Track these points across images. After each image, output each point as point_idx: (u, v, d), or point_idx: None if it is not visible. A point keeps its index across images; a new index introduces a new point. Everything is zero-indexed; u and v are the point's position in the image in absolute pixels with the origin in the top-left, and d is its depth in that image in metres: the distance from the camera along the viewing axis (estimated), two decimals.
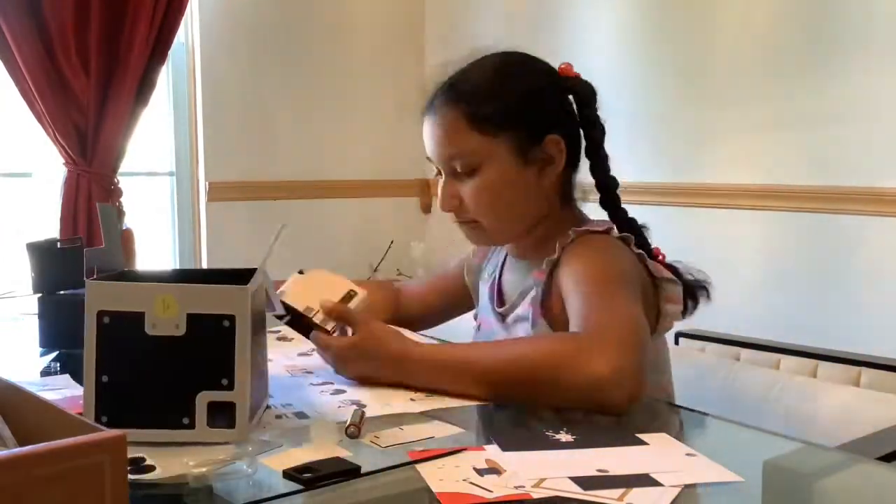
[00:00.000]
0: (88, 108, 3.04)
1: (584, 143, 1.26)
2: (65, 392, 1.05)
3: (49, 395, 1.00)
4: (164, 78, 3.34)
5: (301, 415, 0.98)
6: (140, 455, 0.80)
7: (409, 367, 1.07)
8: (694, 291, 1.24)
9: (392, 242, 3.83)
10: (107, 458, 0.54)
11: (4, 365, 1.27)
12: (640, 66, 3.05)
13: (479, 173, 1.20)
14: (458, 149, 1.20)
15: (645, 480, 0.76)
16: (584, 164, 1.27)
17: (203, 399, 0.84)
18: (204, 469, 0.76)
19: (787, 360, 1.77)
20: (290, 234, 0.97)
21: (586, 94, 1.25)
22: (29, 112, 2.98)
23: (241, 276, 0.89)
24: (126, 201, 3.20)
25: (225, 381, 0.84)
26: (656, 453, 0.84)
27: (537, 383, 0.99)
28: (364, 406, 1.00)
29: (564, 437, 0.87)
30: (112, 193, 3.14)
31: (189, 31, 3.43)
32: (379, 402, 1.02)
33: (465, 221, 1.26)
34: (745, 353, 1.77)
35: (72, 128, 3.04)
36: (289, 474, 0.76)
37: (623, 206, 1.28)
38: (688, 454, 0.83)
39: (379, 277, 3.58)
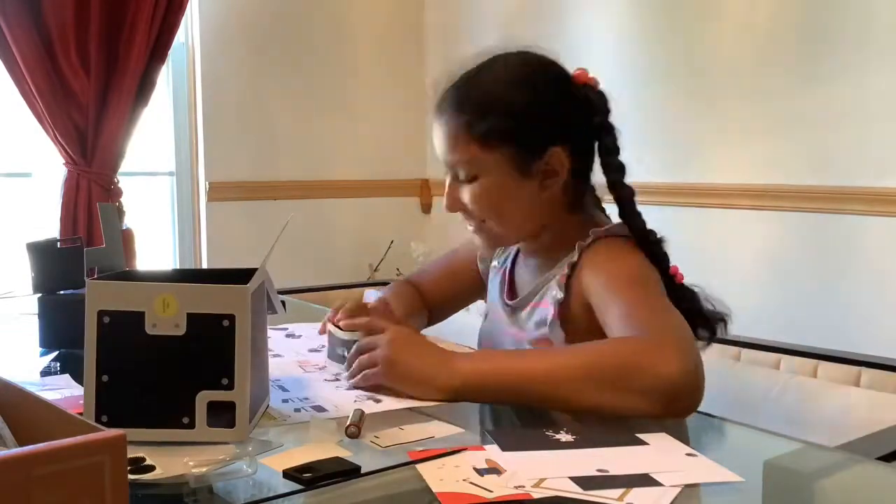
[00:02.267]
0: (88, 108, 3.04)
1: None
2: (65, 392, 1.05)
3: (49, 395, 1.00)
4: (164, 78, 3.34)
5: (319, 408, 0.99)
6: (140, 455, 0.80)
7: (457, 365, 1.03)
8: (711, 323, 1.21)
9: (392, 242, 3.83)
10: (107, 458, 0.54)
11: (4, 365, 1.27)
12: (640, 67, 3.05)
13: (477, 181, 1.19)
14: (458, 157, 1.19)
15: (645, 480, 0.76)
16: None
17: (203, 399, 0.84)
18: (204, 469, 0.76)
19: (788, 360, 1.77)
20: (290, 234, 0.97)
21: (600, 102, 1.22)
22: (29, 112, 2.97)
23: (241, 276, 0.89)
24: (126, 201, 3.20)
25: (225, 381, 0.84)
26: (656, 453, 0.84)
27: (605, 388, 0.96)
28: (379, 400, 1.02)
29: (565, 437, 0.87)
30: (112, 193, 3.14)
31: (189, 31, 3.43)
32: (395, 397, 1.04)
33: (472, 222, 1.25)
34: (746, 352, 1.77)
35: (72, 128, 3.04)
36: (289, 474, 0.76)
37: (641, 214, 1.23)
38: (688, 454, 0.83)
39: (378, 277, 3.58)
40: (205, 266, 3.44)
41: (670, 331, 1.00)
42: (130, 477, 0.67)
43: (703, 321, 1.20)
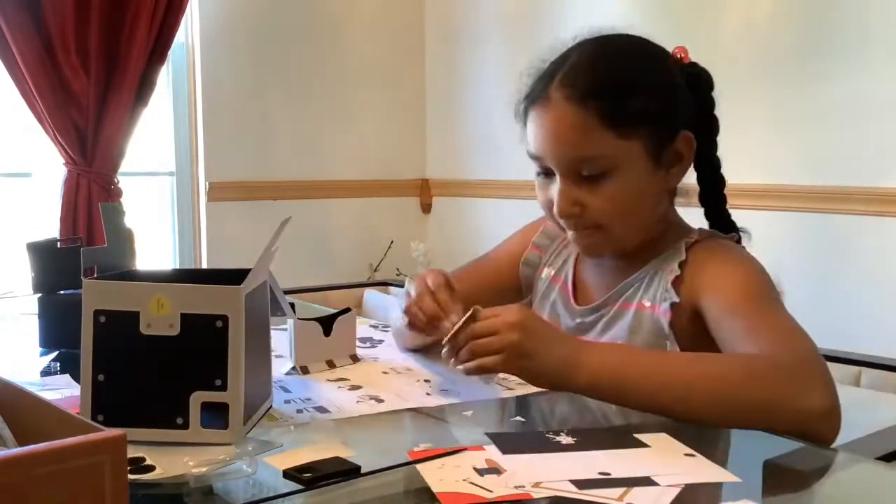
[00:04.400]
0: (88, 108, 3.04)
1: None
2: (65, 392, 1.05)
3: (49, 395, 1.00)
4: (164, 78, 3.34)
5: (321, 409, 0.99)
6: (140, 455, 0.80)
7: (588, 360, 0.95)
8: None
9: (392, 242, 3.83)
10: (107, 458, 0.54)
11: (4, 365, 1.27)
12: None
13: (610, 178, 1.06)
14: (591, 151, 1.05)
15: (645, 483, 0.76)
16: None
17: (197, 399, 0.84)
18: (204, 469, 0.76)
19: None
20: (290, 234, 0.97)
21: (707, 82, 1.14)
22: (29, 112, 2.98)
23: (240, 277, 0.89)
24: (126, 201, 3.20)
25: (218, 382, 0.84)
26: (656, 454, 0.84)
27: (740, 406, 0.91)
28: (381, 400, 1.02)
29: (565, 439, 0.87)
30: (112, 193, 3.14)
31: (189, 31, 3.43)
32: (397, 396, 1.04)
33: (580, 228, 1.11)
34: None
35: (72, 128, 3.04)
36: (289, 474, 0.76)
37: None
38: (687, 454, 0.83)
39: (378, 277, 3.58)
40: (205, 266, 3.44)
41: (813, 358, 0.94)
42: (130, 477, 0.67)
43: None
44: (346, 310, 1.25)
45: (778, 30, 2.69)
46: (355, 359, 1.23)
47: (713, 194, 1.19)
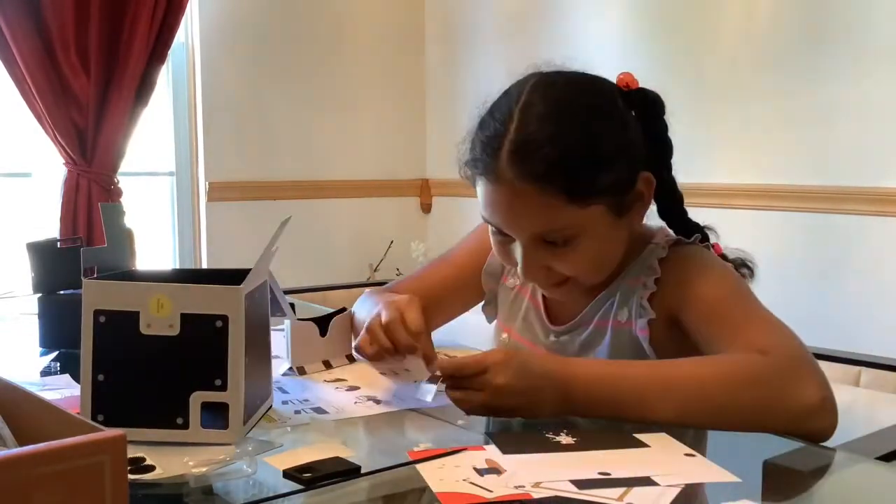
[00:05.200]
0: (88, 108, 3.04)
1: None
2: (65, 392, 1.05)
3: (49, 395, 1.00)
4: (164, 78, 3.34)
5: (319, 410, 0.99)
6: (140, 455, 0.80)
7: (576, 385, 0.93)
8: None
9: (392, 242, 3.83)
10: (107, 458, 0.54)
11: (4, 365, 1.27)
12: (640, 67, 3.04)
13: (576, 241, 1.04)
14: (554, 225, 1.02)
15: (645, 483, 0.76)
16: None
17: (197, 399, 0.84)
18: (204, 469, 0.76)
19: None
20: (289, 234, 0.97)
21: (655, 108, 1.11)
22: (29, 112, 2.98)
23: (240, 277, 0.89)
24: (126, 201, 3.20)
25: (218, 382, 0.84)
26: (656, 454, 0.84)
27: (738, 408, 0.91)
28: (379, 402, 1.02)
29: (565, 439, 0.87)
30: (112, 193, 3.14)
31: (189, 31, 3.43)
32: (394, 397, 1.04)
33: (552, 283, 1.09)
34: None
35: (72, 128, 3.04)
36: (289, 474, 0.76)
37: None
38: (687, 454, 0.83)
39: (378, 277, 3.58)
40: (205, 266, 3.44)
41: (800, 352, 0.94)
42: (130, 477, 0.67)
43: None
44: (342, 309, 1.25)
45: (778, 30, 2.69)
46: (351, 359, 1.23)
47: (673, 213, 1.17)
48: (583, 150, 1.00)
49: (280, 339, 1.20)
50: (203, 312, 0.84)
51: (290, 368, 1.16)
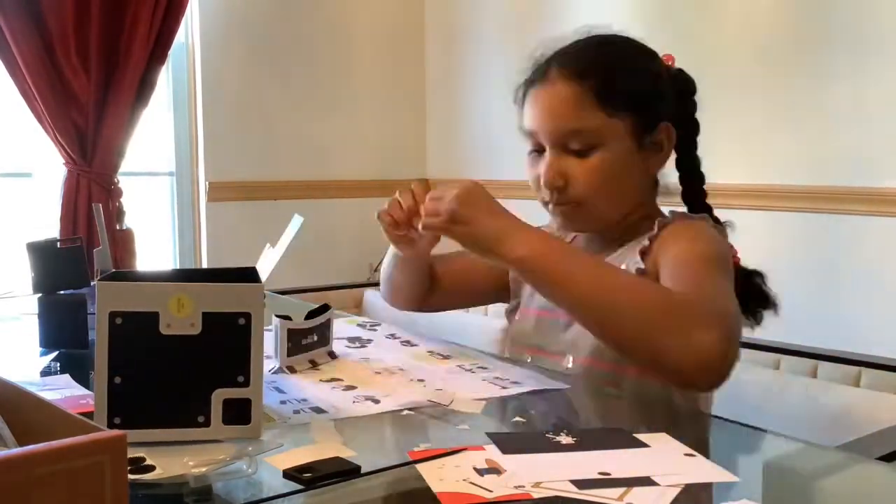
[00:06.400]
0: (88, 108, 3.04)
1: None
2: (65, 392, 1.05)
3: (49, 395, 1.00)
4: (164, 78, 3.34)
5: (318, 410, 0.99)
6: (140, 455, 0.80)
7: (524, 236, 1.03)
8: (767, 303, 1.21)
9: None
10: (107, 458, 0.54)
11: (4, 365, 1.27)
12: None
13: (596, 152, 1.14)
14: (581, 125, 1.14)
15: (645, 483, 0.76)
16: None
17: (219, 397, 0.85)
18: (204, 469, 0.76)
19: (787, 360, 1.78)
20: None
21: (688, 86, 1.24)
22: (29, 112, 2.97)
23: (244, 275, 0.89)
24: (126, 201, 3.20)
25: (241, 379, 0.85)
26: (656, 454, 0.84)
27: (648, 326, 0.96)
28: (378, 401, 1.01)
29: (565, 439, 0.87)
30: (112, 193, 3.15)
31: (189, 31, 3.43)
32: (392, 396, 1.03)
33: (563, 202, 1.18)
34: (746, 353, 1.77)
35: (72, 128, 3.04)
36: (289, 474, 0.76)
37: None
38: (687, 454, 0.83)
39: (378, 278, 3.58)
40: (205, 266, 3.44)
41: (725, 312, 0.98)
42: (130, 477, 0.67)
43: (760, 301, 1.21)
44: (324, 306, 1.24)
45: (778, 29, 2.69)
46: (333, 355, 1.23)
47: (694, 191, 1.26)
48: (620, 62, 1.18)
49: (267, 338, 1.20)
50: (226, 311, 0.84)
51: (280, 368, 1.15)
